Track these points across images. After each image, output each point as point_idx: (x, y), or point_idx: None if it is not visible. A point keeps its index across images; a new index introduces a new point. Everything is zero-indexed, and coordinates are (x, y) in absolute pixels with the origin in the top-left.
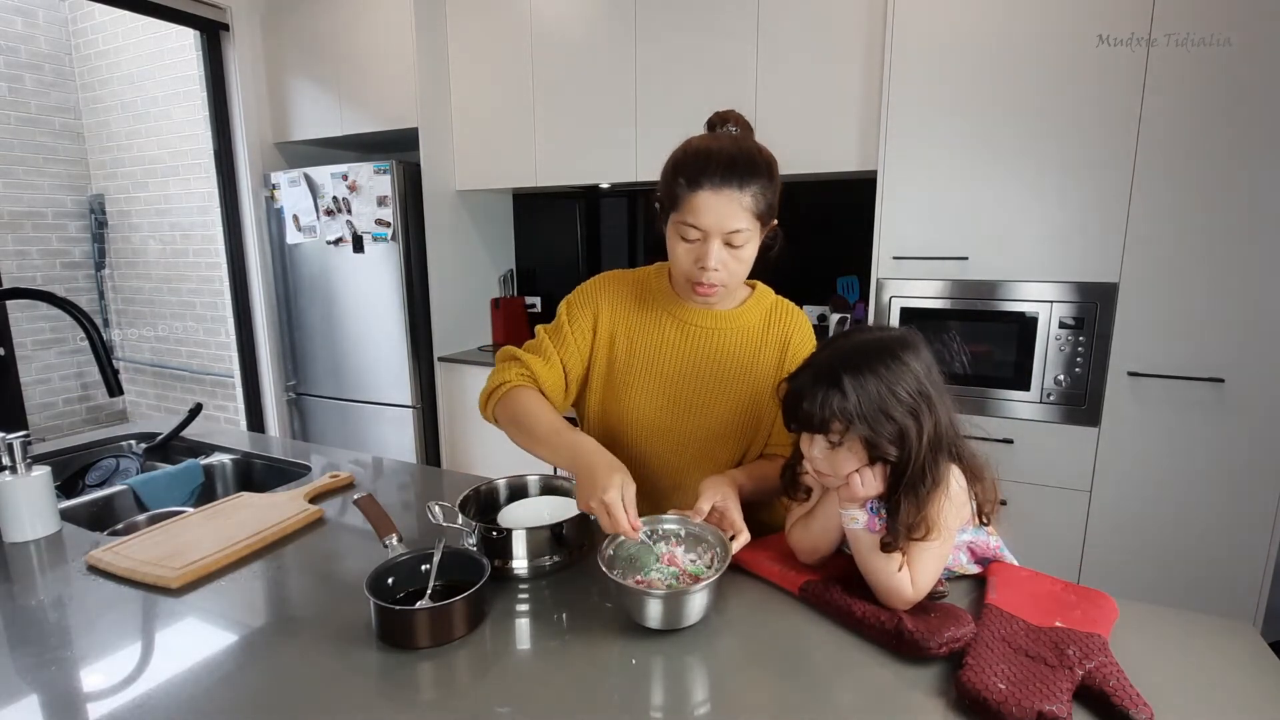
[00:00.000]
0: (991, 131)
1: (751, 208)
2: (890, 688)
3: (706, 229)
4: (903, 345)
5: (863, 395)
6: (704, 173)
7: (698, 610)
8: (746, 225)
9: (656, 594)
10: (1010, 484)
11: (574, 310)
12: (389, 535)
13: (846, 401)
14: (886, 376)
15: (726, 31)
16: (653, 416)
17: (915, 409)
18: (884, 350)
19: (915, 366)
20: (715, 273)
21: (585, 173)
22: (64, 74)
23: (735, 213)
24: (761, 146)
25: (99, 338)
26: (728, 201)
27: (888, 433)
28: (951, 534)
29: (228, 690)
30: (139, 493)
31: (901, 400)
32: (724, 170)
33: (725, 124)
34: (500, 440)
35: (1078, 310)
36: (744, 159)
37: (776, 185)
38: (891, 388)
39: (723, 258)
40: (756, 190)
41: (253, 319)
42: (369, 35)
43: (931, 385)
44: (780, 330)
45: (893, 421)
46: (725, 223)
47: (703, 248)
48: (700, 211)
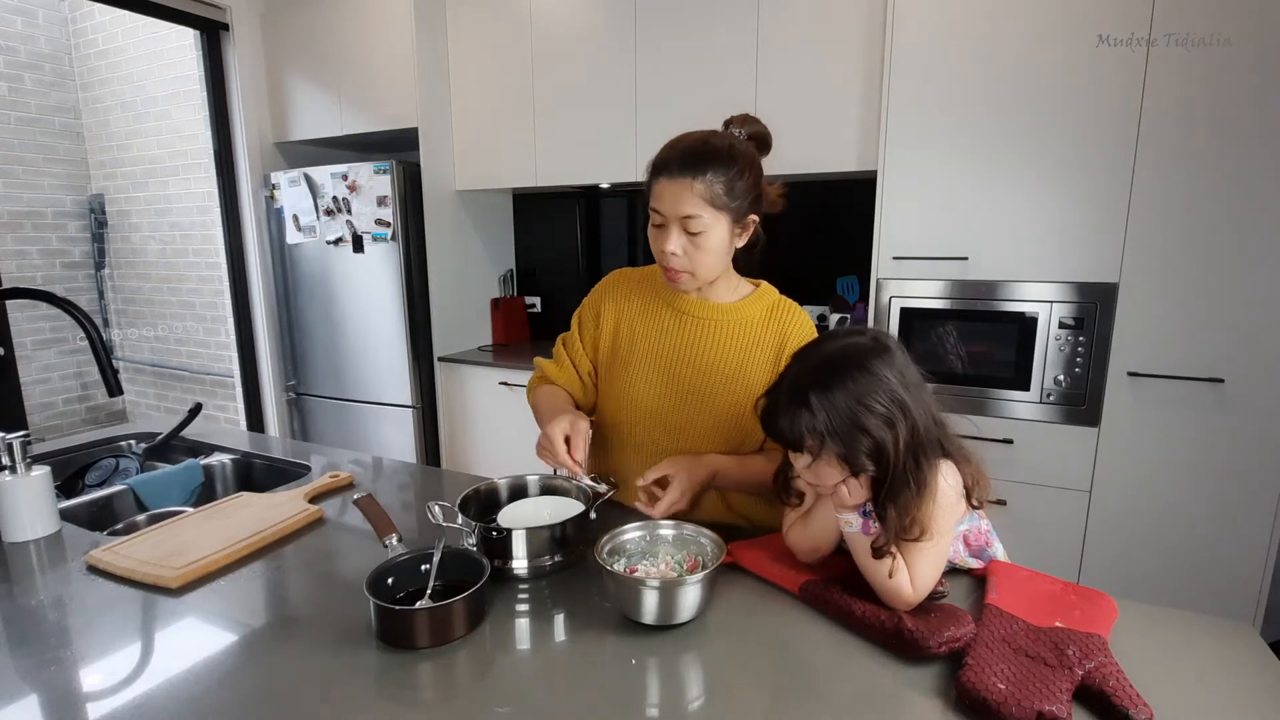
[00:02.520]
0: (991, 131)
1: (704, 195)
2: (890, 687)
3: (665, 214)
4: (871, 353)
5: (832, 412)
6: (664, 163)
7: (690, 605)
8: (702, 213)
9: (652, 584)
10: (1010, 484)
11: (583, 313)
12: (389, 535)
13: (816, 420)
14: (855, 390)
15: (727, 31)
16: (650, 402)
17: (890, 418)
18: (851, 362)
19: (886, 374)
20: (675, 257)
21: (585, 173)
22: (64, 74)
23: (688, 199)
24: (738, 143)
25: (99, 337)
26: (681, 189)
27: (864, 446)
28: (948, 534)
29: (228, 690)
30: (139, 493)
31: (874, 411)
32: (680, 160)
33: (730, 125)
34: (500, 440)
35: (1078, 310)
36: (702, 150)
37: (745, 177)
38: (862, 400)
39: (682, 243)
40: (712, 178)
41: (252, 319)
42: (369, 35)
43: (906, 390)
44: (779, 327)
45: (867, 435)
46: (678, 208)
47: (665, 233)
48: (659, 198)
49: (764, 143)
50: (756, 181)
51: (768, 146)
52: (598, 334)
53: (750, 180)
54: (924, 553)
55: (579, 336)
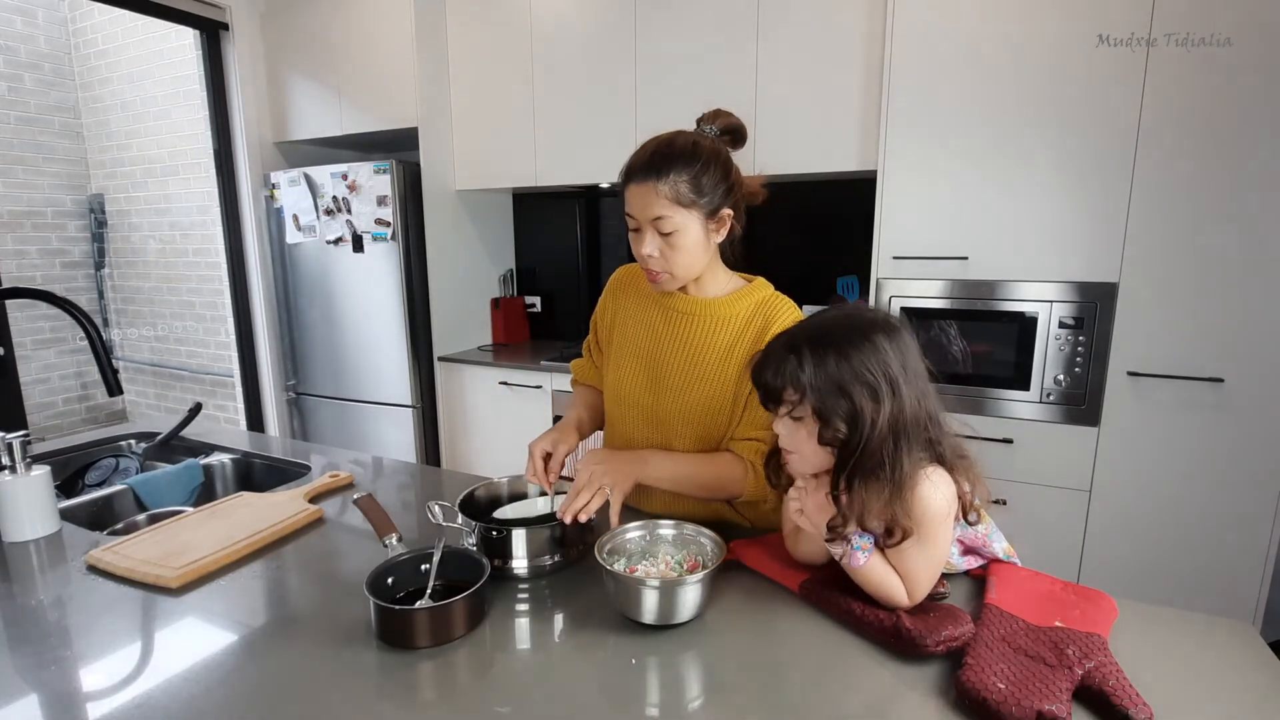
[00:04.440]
0: (991, 131)
1: (670, 195)
2: (890, 687)
3: (637, 218)
4: (878, 327)
5: (820, 368)
6: (631, 168)
7: (690, 605)
8: (670, 213)
9: (652, 584)
10: (1010, 484)
11: (597, 310)
12: (389, 535)
13: (802, 371)
14: (849, 353)
15: (726, 31)
16: (635, 394)
17: (875, 390)
18: (854, 328)
19: (885, 348)
20: (652, 259)
21: (585, 172)
22: (63, 73)
23: (654, 201)
24: (701, 140)
25: (98, 337)
26: (647, 192)
27: (841, 409)
28: (943, 541)
29: (228, 690)
30: (139, 492)
31: (861, 379)
32: (644, 164)
33: (701, 123)
34: (500, 440)
35: (1078, 310)
36: (663, 152)
37: (711, 172)
38: (853, 365)
39: (657, 244)
40: (674, 178)
41: (252, 319)
42: (369, 35)
43: (903, 373)
44: (763, 321)
45: (847, 399)
46: (647, 211)
47: (640, 236)
48: (630, 203)
49: (738, 135)
50: (725, 174)
51: (742, 139)
52: (604, 329)
53: (717, 174)
54: (914, 558)
55: (595, 333)
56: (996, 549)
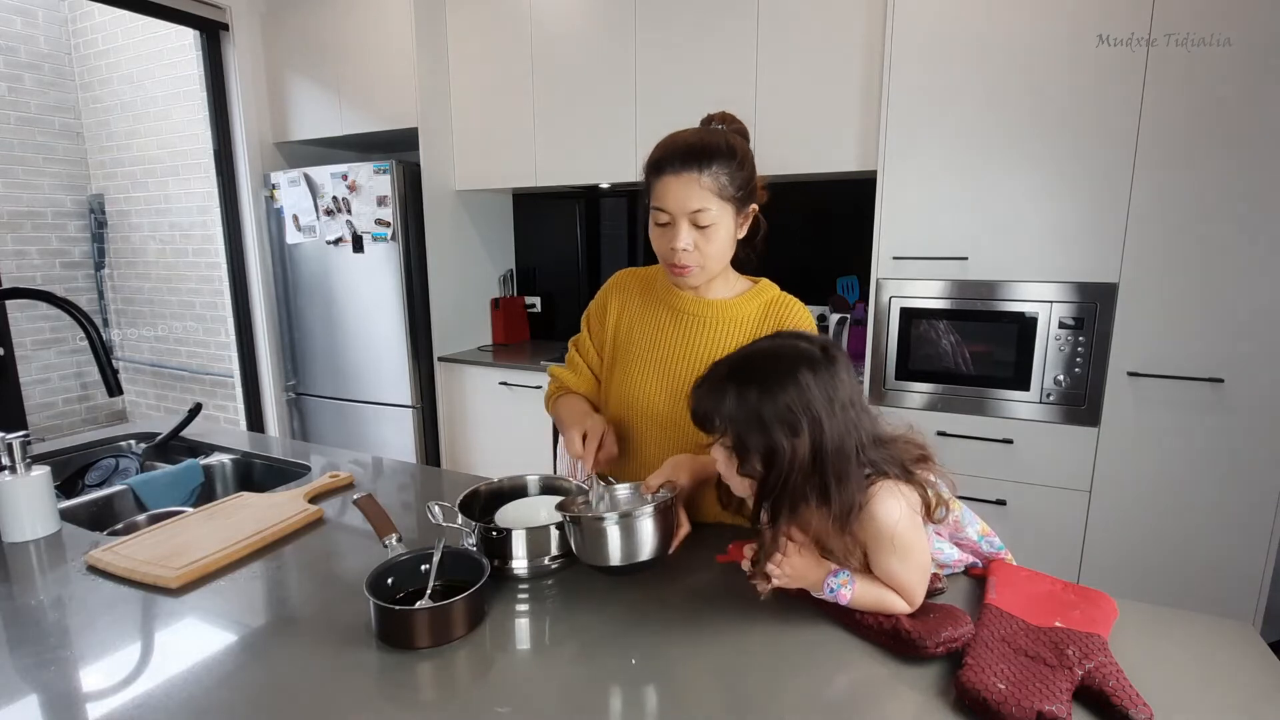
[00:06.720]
0: (991, 132)
1: (712, 188)
2: (889, 687)
3: (672, 211)
4: (807, 361)
5: (740, 402)
6: (666, 159)
7: (649, 539)
8: (710, 205)
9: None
10: (1010, 484)
11: (590, 315)
12: (389, 535)
13: (722, 405)
14: (770, 388)
15: (726, 31)
16: (649, 401)
17: (794, 426)
18: (781, 363)
19: (809, 384)
20: (686, 252)
21: (585, 173)
22: (63, 74)
23: (696, 193)
24: (731, 136)
25: (98, 337)
26: (688, 183)
27: (756, 445)
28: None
29: (228, 690)
30: (139, 493)
31: (780, 416)
32: (683, 155)
33: (712, 122)
34: (500, 440)
35: (1077, 310)
36: (703, 144)
37: (745, 169)
38: (773, 400)
39: (692, 238)
40: (717, 170)
41: (252, 319)
42: (369, 35)
43: (829, 406)
44: (775, 322)
45: (765, 434)
46: (687, 203)
47: (673, 230)
48: (665, 195)
49: (744, 137)
50: (754, 172)
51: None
52: (604, 333)
53: (748, 171)
54: (901, 570)
55: (589, 337)
56: (970, 532)
